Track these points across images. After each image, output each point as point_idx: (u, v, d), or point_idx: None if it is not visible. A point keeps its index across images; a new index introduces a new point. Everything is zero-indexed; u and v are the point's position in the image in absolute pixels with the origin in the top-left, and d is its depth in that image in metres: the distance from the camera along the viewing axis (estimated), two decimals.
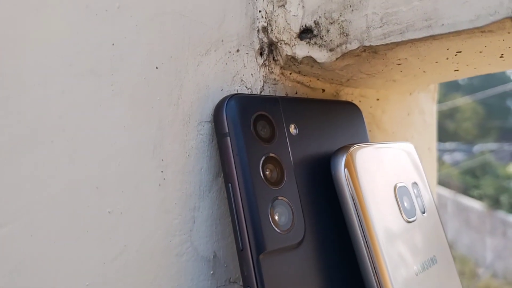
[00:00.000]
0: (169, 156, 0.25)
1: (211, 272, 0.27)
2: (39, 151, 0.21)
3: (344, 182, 0.28)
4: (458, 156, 7.80)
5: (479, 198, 5.53)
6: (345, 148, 0.29)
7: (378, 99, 0.38)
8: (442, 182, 6.22)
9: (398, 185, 0.32)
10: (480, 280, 4.78)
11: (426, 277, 0.31)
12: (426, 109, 0.45)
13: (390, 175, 0.32)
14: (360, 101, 0.37)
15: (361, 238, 0.28)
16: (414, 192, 0.33)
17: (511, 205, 5.32)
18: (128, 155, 0.24)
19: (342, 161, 0.28)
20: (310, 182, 0.29)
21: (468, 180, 6.16)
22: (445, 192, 5.89)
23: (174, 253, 0.26)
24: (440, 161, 7.29)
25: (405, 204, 0.32)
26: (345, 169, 0.28)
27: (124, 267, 0.24)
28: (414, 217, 0.32)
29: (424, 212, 0.34)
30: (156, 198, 0.25)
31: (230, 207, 0.25)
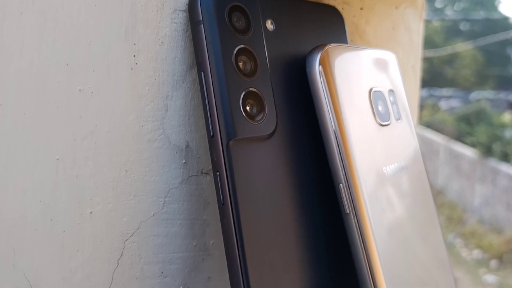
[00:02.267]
0: (142, 41, 0.25)
1: (183, 161, 0.28)
2: (7, 23, 0.21)
3: (318, 79, 0.28)
4: (454, 102, 7.79)
5: (472, 145, 5.57)
6: (321, 46, 0.29)
7: (362, 9, 0.38)
8: (436, 128, 6.25)
9: (374, 89, 0.32)
10: (467, 225, 4.89)
11: (395, 179, 0.31)
12: (413, 27, 0.45)
13: (366, 78, 0.32)
14: (343, 9, 0.36)
15: (331, 133, 0.28)
16: (390, 99, 0.34)
17: (502, 153, 5.36)
18: (99, 35, 0.24)
19: (317, 58, 0.28)
20: (285, 79, 0.29)
21: (463, 127, 6.18)
22: (438, 138, 5.93)
23: (146, 139, 0.26)
24: (436, 107, 7.29)
25: (379, 108, 0.32)
26: (320, 66, 0.28)
27: (95, 147, 0.24)
28: (388, 121, 0.32)
29: (399, 119, 0.34)
30: (128, 81, 0.25)
31: (202, 95, 0.26)
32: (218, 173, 0.25)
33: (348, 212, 0.28)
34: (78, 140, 0.23)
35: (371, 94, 0.31)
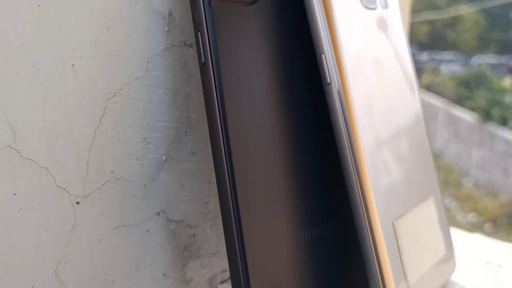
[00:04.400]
0: None
1: (166, 29, 0.28)
2: None
3: None
4: (455, 66, 7.72)
5: (472, 109, 5.56)
6: None
7: None
8: (436, 92, 6.23)
9: None
10: (463, 188, 4.93)
11: (378, 60, 0.32)
12: None
13: None
14: None
15: (315, 4, 0.28)
16: None
17: (501, 118, 5.36)
18: None
19: None
20: None
21: (462, 91, 6.15)
22: (438, 102, 5.91)
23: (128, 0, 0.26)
24: (436, 71, 7.24)
25: None
26: None
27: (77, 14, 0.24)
28: (373, 5, 0.32)
29: (385, 8, 0.34)
30: None
31: None
32: (199, 33, 0.25)
33: (329, 82, 0.28)
34: None
35: None
